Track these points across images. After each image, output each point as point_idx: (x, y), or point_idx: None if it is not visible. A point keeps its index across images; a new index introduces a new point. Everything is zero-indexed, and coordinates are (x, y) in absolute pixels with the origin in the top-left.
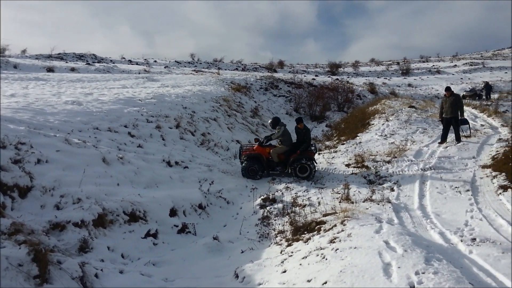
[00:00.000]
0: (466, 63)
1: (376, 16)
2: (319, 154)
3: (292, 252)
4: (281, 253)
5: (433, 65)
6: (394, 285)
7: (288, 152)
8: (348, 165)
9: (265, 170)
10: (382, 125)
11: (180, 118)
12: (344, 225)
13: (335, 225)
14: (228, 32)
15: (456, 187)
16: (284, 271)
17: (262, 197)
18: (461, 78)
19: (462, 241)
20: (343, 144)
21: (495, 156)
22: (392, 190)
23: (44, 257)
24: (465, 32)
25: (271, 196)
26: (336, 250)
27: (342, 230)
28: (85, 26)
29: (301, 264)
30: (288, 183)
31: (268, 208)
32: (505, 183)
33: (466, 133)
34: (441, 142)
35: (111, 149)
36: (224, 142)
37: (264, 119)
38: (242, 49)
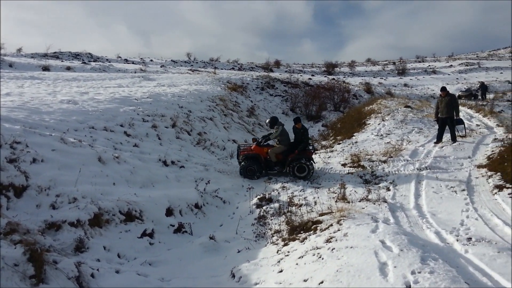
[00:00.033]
0: (462, 63)
1: (372, 16)
2: (315, 154)
3: (289, 252)
4: (278, 253)
5: (429, 65)
6: (390, 285)
7: (286, 152)
8: (344, 165)
9: (263, 170)
10: (378, 125)
11: (176, 118)
12: (340, 225)
13: (331, 225)
14: (225, 32)
15: (452, 187)
16: (281, 271)
17: (259, 197)
18: (457, 78)
19: (458, 241)
20: (339, 144)
21: (491, 156)
22: (388, 190)
23: (40, 257)
24: (461, 33)
25: (268, 196)
26: (333, 250)
27: (338, 230)
28: (81, 25)
29: (298, 264)
30: (285, 183)
31: (265, 208)
32: (501, 183)
33: (462, 133)
34: (437, 142)
35: (107, 149)
36: (221, 142)
37: (261, 119)
38: (239, 49)
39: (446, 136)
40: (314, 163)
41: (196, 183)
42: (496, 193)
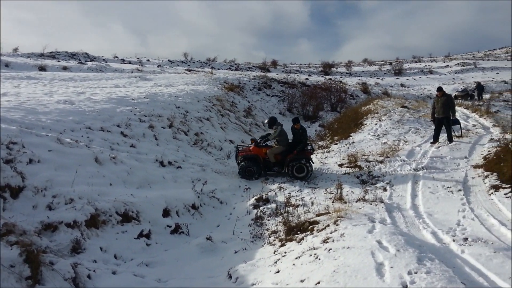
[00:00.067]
0: (458, 64)
1: (369, 17)
2: (313, 154)
3: (285, 252)
4: (274, 253)
5: (426, 65)
6: (387, 285)
7: (285, 153)
8: (341, 165)
9: (262, 171)
10: (375, 125)
11: (173, 118)
12: (337, 225)
13: (328, 225)
14: (222, 32)
15: (448, 187)
16: (277, 271)
17: (256, 197)
18: (453, 78)
19: (454, 241)
20: (336, 144)
21: (487, 156)
22: (385, 190)
23: (36, 258)
24: (457, 33)
25: (265, 196)
26: (329, 250)
27: (335, 230)
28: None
29: (294, 264)
30: (281, 183)
31: (262, 208)
32: (497, 183)
33: (458, 133)
34: (433, 142)
35: (104, 149)
36: (217, 142)
37: (258, 119)
38: (236, 49)
39: (443, 136)
40: (313, 163)
41: (193, 184)
42: (493, 193)
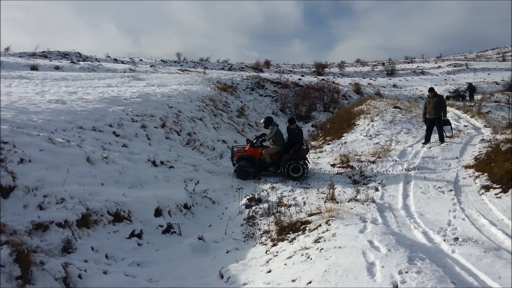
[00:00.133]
0: (450, 64)
1: (362, 17)
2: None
3: (277, 252)
4: (266, 253)
5: (418, 66)
6: (378, 285)
7: (281, 153)
8: (334, 165)
9: (258, 171)
10: (367, 126)
11: (166, 118)
12: (329, 225)
13: (320, 225)
14: (215, 32)
15: (440, 187)
16: (269, 271)
17: (248, 197)
18: (445, 79)
19: (445, 241)
20: (329, 144)
21: (478, 157)
22: (377, 190)
23: (27, 258)
24: (449, 34)
25: (257, 196)
26: (321, 250)
27: (327, 230)
28: (70, 24)
29: (286, 264)
30: (274, 183)
31: (254, 208)
32: (487, 183)
33: (449, 134)
34: (425, 143)
35: (96, 149)
36: (210, 142)
37: (250, 119)
38: (229, 49)
39: (434, 137)
40: (309, 163)
41: (185, 184)
42: (483, 194)
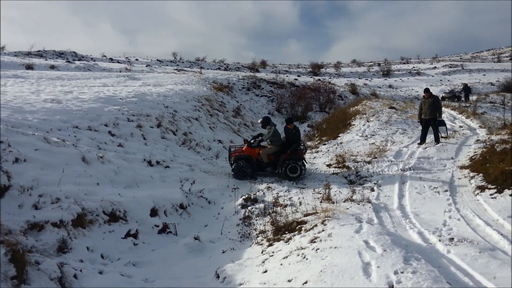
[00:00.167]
0: (446, 65)
1: (358, 17)
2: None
3: (273, 252)
4: (262, 253)
5: (414, 67)
6: (374, 285)
7: (278, 153)
8: (329, 165)
9: (255, 171)
10: (363, 126)
11: (162, 117)
12: (325, 225)
13: (316, 225)
14: (211, 32)
15: (435, 188)
16: (265, 271)
17: (244, 197)
18: (441, 80)
19: (440, 241)
20: (325, 144)
21: (473, 157)
22: (372, 190)
23: (22, 258)
24: (445, 35)
25: (253, 196)
26: (317, 250)
27: (323, 230)
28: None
29: (282, 264)
30: (270, 183)
31: (250, 208)
32: (483, 184)
33: (444, 134)
34: (420, 143)
35: (91, 148)
36: (206, 142)
37: (246, 119)
38: (225, 49)
39: (430, 137)
40: (306, 163)
41: (181, 183)
42: (478, 194)
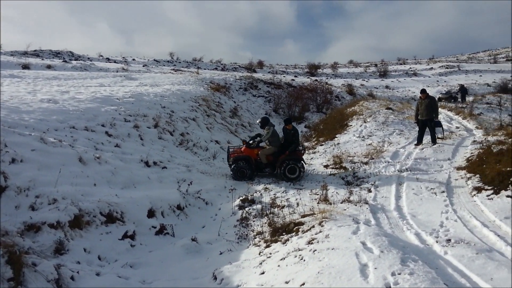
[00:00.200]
0: (442, 66)
1: (355, 18)
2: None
3: (271, 254)
4: (260, 255)
5: (410, 68)
6: (371, 286)
7: (277, 153)
8: (327, 166)
9: (254, 172)
10: (360, 127)
11: (159, 118)
12: (322, 226)
13: (313, 226)
14: (208, 31)
15: (432, 189)
16: (262, 273)
17: (241, 198)
18: (437, 81)
19: (438, 242)
20: (322, 145)
21: (470, 158)
22: (370, 191)
23: (19, 259)
24: (442, 35)
25: (250, 197)
26: (314, 251)
27: (320, 231)
28: (63, 23)
29: (279, 266)
30: (267, 184)
31: (247, 209)
32: (479, 185)
33: (440, 135)
34: (417, 144)
35: (88, 149)
36: (203, 142)
37: (243, 119)
38: (222, 49)
39: (426, 138)
40: (305, 164)
41: (179, 184)
42: (475, 195)
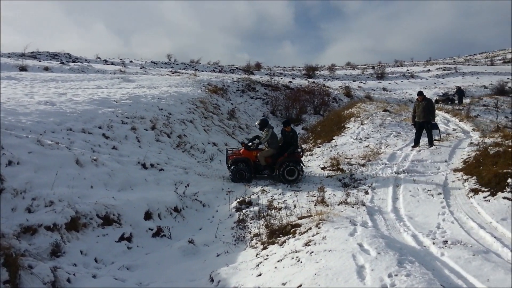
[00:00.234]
0: (439, 68)
1: (352, 19)
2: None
3: (268, 255)
4: (257, 256)
5: (407, 70)
6: (368, 287)
7: (276, 155)
8: (324, 168)
9: (253, 174)
10: (357, 129)
11: (156, 120)
12: (319, 228)
13: (310, 228)
14: (205, 33)
15: (429, 190)
16: (259, 275)
17: (238, 200)
18: (434, 83)
19: (434, 244)
20: (319, 147)
21: (467, 160)
22: (367, 193)
23: (15, 262)
24: (439, 37)
25: (247, 199)
26: (311, 253)
27: (317, 233)
28: (60, 25)
29: (276, 267)
30: (264, 186)
31: (244, 211)
32: (476, 187)
33: (436, 137)
34: (414, 146)
35: (85, 151)
36: (201, 145)
37: (241, 122)
38: (219, 50)
39: (423, 140)
40: (304, 166)
41: (176, 186)
42: (472, 197)
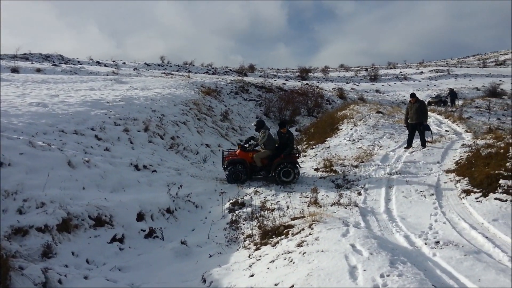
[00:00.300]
0: (432, 70)
1: (345, 22)
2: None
3: (260, 256)
4: (249, 257)
5: (400, 72)
6: (360, 287)
7: (271, 157)
8: (317, 169)
9: (249, 175)
10: (350, 130)
11: (149, 121)
12: (312, 229)
13: (303, 229)
14: (199, 34)
15: (421, 191)
16: (252, 275)
17: (231, 201)
18: (427, 85)
19: (426, 244)
20: (312, 149)
21: (459, 161)
22: (359, 194)
23: (5, 263)
24: (432, 40)
25: (240, 200)
26: (304, 254)
27: (310, 234)
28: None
29: (269, 268)
30: (257, 187)
31: (237, 212)
32: (468, 188)
33: (429, 139)
34: (407, 147)
35: (77, 152)
36: (194, 146)
37: (234, 123)
38: (213, 52)
39: (416, 142)
40: (300, 167)
41: (168, 188)
42: (464, 198)
